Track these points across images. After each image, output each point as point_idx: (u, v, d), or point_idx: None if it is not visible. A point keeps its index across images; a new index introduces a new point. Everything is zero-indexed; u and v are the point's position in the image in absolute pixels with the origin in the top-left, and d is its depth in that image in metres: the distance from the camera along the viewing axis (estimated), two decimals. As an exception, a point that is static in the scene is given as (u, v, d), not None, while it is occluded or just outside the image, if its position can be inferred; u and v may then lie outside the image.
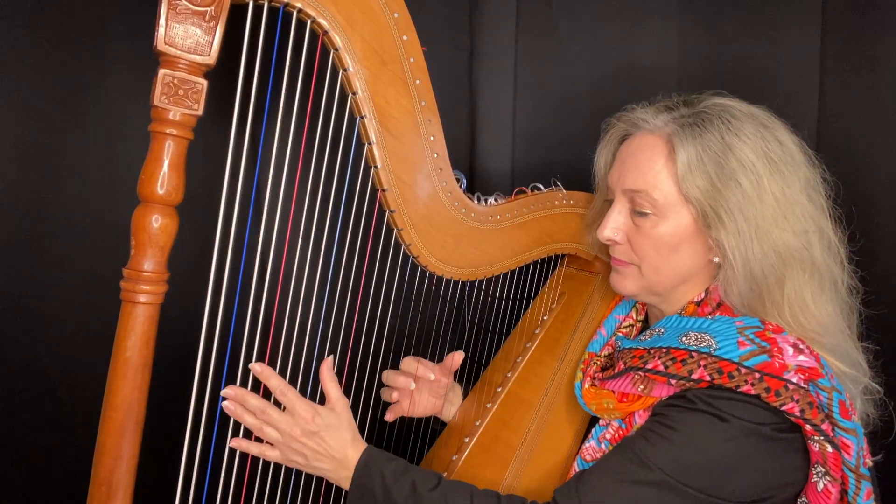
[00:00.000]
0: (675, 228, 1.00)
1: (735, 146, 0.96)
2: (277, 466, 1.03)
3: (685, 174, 0.97)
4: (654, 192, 1.00)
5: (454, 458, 1.19)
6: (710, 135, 0.97)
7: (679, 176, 0.97)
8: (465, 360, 1.26)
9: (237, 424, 1.00)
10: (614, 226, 1.05)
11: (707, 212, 0.96)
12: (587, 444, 1.08)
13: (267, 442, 1.01)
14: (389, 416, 1.23)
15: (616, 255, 1.08)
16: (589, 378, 1.11)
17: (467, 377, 1.35)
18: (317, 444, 0.99)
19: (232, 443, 0.99)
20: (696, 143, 0.97)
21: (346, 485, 1.02)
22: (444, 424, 1.31)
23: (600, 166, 1.14)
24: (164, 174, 0.84)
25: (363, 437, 1.06)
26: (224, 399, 0.99)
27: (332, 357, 1.04)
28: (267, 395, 1.01)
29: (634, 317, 1.20)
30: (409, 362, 1.20)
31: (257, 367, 0.99)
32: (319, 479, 1.08)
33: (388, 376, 1.21)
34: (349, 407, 1.04)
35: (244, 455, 1.00)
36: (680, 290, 1.05)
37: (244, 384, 0.99)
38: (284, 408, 1.01)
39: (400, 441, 1.32)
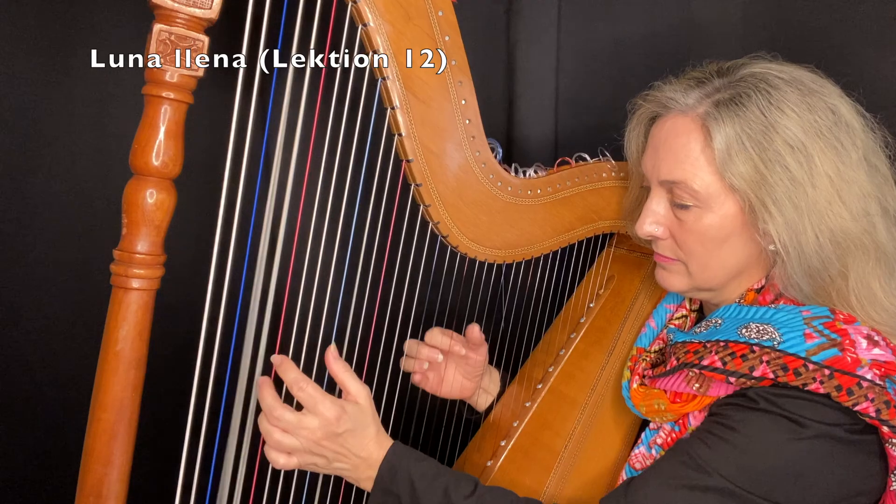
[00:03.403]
0: (720, 220, 0.98)
1: (779, 123, 0.93)
2: (288, 474, 1.01)
3: (725, 161, 0.95)
4: (693, 183, 0.98)
5: (489, 463, 1.18)
6: (750, 112, 0.94)
7: (718, 163, 0.95)
8: (500, 353, 1.27)
9: (242, 425, 0.98)
10: (653, 219, 1.04)
11: (753, 202, 0.95)
12: (636, 451, 1.07)
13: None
14: (416, 379, 1.23)
15: (659, 250, 1.07)
16: (637, 376, 1.09)
17: (503, 372, 1.35)
18: (339, 445, 0.96)
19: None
20: (735, 123, 0.95)
21: (366, 485, 0.99)
22: (475, 413, 1.31)
23: (631, 151, 1.13)
24: (160, 143, 0.83)
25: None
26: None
27: (334, 345, 1.00)
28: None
29: (688, 307, 1.18)
30: (433, 334, 1.19)
31: (276, 359, 0.96)
32: (336, 489, 1.07)
33: (412, 346, 1.20)
34: (371, 396, 1.01)
35: (251, 462, 0.97)
36: (734, 284, 1.04)
37: (250, 380, 0.97)
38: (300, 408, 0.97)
39: (428, 438, 1.31)
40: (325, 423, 0.94)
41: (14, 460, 1.19)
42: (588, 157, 1.21)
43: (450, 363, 1.24)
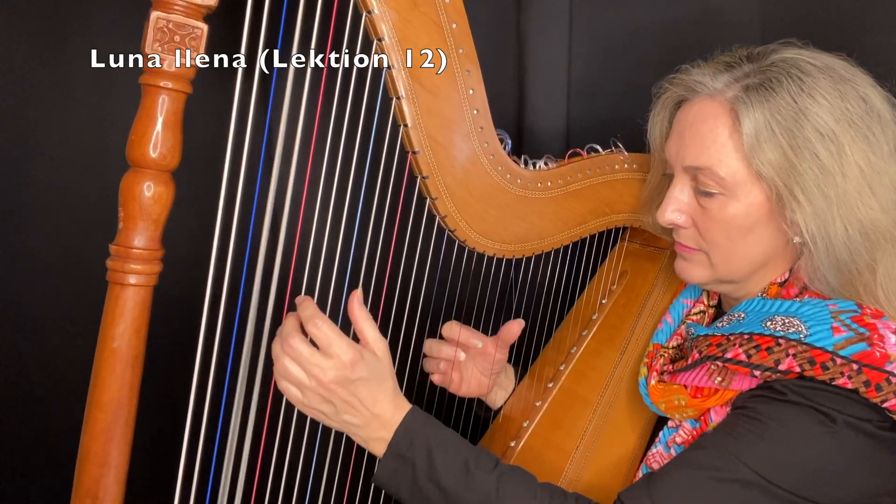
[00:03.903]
0: (746, 209, 0.98)
1: (810, 110, 0.93)
2: (292, 474, 1.00)
3: (753, 147, 0.94)
4: (719, 170, 0.98)
5: None
6: (780, 98, 0.94)
7: (746, 150, 0.95)
8: (510, 351, 1.25)
9: (243, 425, 0.97)
10: (676, 207, 1.04)
11: (781, 190, 0.94)
12: (654, 450, 1.07)
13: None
14: (437, 379, 1.22)
15: (680, 239, 1.06)
16: (655, 373, 1.08)
17: (514, 369, 1.34)
18: (350, 393, 0.92)
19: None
20: (765, 109, 0.94)
21: (377, 448, 0.95)
22: (489, 411, 1.31)
23: (655, 136, 1.12)
24: (158, 134, 0.83)
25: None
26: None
27: (360, 289, 0.97)
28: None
29: (706, 302, 1.18)
30: (452, 327, 1.18)
31: (299, 299, 0.94)
32: (340, 491, 1.05)
33: (433, 346, 1.20)
34: (388, 349, 0.97)
35: (252, 463, 0.96)
36: (756, 276, 1.04)
37: (251, 379, 0.95)
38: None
39: None
40: (339, 365, 0.91)
41: (8, 461, 1.19)
42: (600, 149, 1.20)
43: (470, 364, 1.24)
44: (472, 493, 0.91)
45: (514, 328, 1.19)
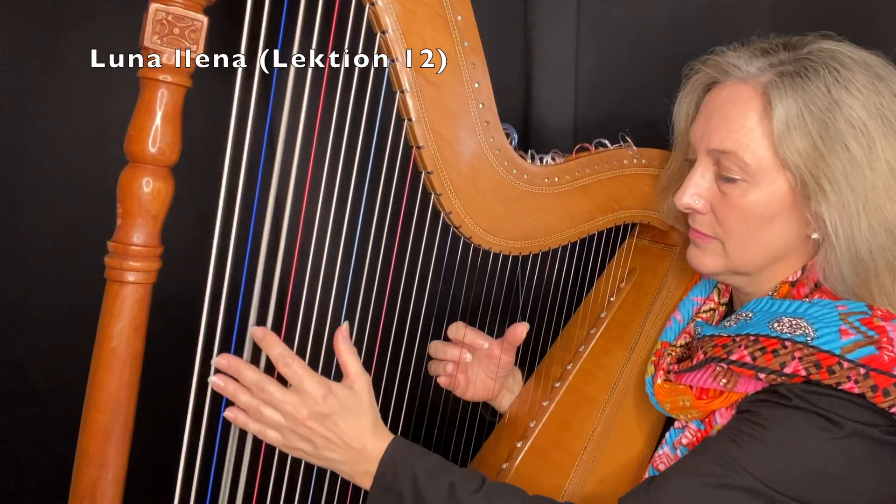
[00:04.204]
0: (768, 198, 0.97)
1: (844, 102, 0.93)
2: (293, 481, 1.00)
3: (783, 134, 0.94)
4: (744, 154, 0.97)
5: (504, 465, 1.17)
6: (815, 87, 0.94)
7: (776, 136, 0.94)
8: (516, 350, 1.24)
9: (245, 426, 0.96)
10: (695, 191, 1.03)
11: (807, 180, 0.94)
12: (660, 451, 1.07)
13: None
14: (443, 381, 1.22)
15: (696, 225, 1.06)
16: (662, 372, 1.08)
17: (521, 368, 1.33)
18: (328, 429, 0.94)
19: (226, 412, 0.94)
20: (798, 96, 0.94)
21: (364, 482, 0.97)
22: (495, 414, 1.30)
23: (681, 118, 1.11)
24: (157, 128, 0.83)
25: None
26: (215, 372, 0.94)
27: (346, 324, 0.99)
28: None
29: (717, 299, 1.17)
30: (457, 328, 1.18)
31: (259, 333, 0.95)
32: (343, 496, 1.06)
33: (438, 348, 1.20)
34: (371, 385, 0.99)
35: (253, 465, 0.97)
36: (770, 271, 1.03)
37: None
38: (290, 386, 0.96)
39: (440, 440, 1.30)
40: (311, 401, 0.93)
41: (3, 462, 1.19)
42: (609, 144, 1.20)
43: (476, 366, 1.23)
44: None
45: (519, 330, 1.18)
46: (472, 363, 1.22)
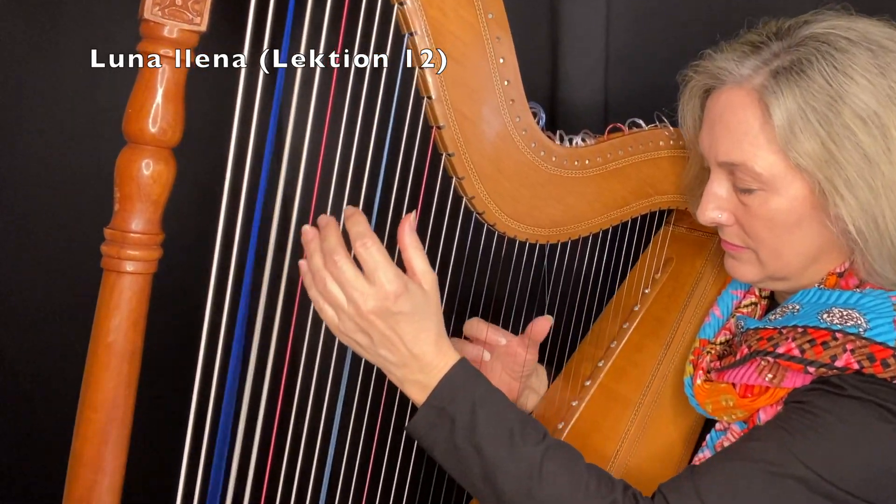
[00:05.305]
0: (789, 203, 0.97)
1: (847, 92, 0.91)
2: (304, 482, 1.00)
3: (787, 139, 0.93)
4: (755, 164, 0.96)
5: None
6: (812, 81, 0.92)
7: (781, 142, 0.94)
8: (543, 346, 1.23)
9: (251, 424, 0.96)
10: (716, 205, 1.03)
11: (822, 183, 0.93)
12: (700, 454, 1.07)
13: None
14: None
15: (726, 237, 1.06)
16: (702, 371, 1.08)
17: (548, 366, 1.33)
18: (390, 328, 0.91)
19: (300, 262, 0.91)
20: (796, 95, 0.92)
21: (412, 391, 0.94)
22: None
23: (688, 126, 1.12)
24: (158, 107, 0.82)
25: (397, 437, 1.03)
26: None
27: (413, 213, 0.95)
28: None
29: (758, 293, 1.16)
30: (474, 325, 1.17)
31: (349, 211, 0.91)
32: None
33: (456, 346, 1.15)
34: (437, 284, 0.96)
35: (259, 469, 0.96)
36: (811, 271, 1.02)
37: (258, 376, 0.95)
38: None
39: None
40: (381, 294, 0.89)
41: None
42: (643, 124, 1.19)
43: (495, 365, 1.22)
44: (512, 464, 0.90)
45: (542, 325, 1.17)
46: (493, 362, 1.20)
